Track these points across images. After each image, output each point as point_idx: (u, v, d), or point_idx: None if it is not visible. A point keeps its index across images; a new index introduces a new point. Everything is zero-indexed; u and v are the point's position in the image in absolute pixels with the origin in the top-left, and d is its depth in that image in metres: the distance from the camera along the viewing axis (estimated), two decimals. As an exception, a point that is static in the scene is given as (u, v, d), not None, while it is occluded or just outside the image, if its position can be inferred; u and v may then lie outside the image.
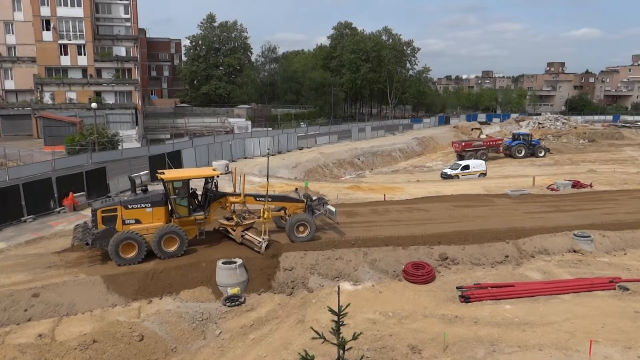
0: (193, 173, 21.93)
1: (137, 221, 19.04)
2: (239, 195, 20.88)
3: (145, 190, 19.93)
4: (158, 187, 34.38)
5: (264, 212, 19.92)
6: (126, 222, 18.89)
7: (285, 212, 21.84)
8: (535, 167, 51.86)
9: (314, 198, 22.79)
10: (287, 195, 23.35)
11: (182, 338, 15.14)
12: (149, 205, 19.22)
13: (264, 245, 19.32)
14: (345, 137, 69.81)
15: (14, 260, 19.48)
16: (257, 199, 21.03)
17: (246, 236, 20.34)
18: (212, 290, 17.54)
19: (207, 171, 21.37)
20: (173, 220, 19.64)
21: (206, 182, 20.43)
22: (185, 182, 19.89)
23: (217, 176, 20.55)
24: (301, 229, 20.81)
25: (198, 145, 47.44)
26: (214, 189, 20.49)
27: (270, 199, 20.89)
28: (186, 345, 14.93)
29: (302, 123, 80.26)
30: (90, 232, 18.81)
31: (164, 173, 20.17)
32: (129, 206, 19.00)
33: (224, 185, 26.55)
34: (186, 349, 14.80)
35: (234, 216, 21.00)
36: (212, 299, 17.25)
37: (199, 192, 20.83)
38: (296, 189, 24.59)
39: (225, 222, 21.01)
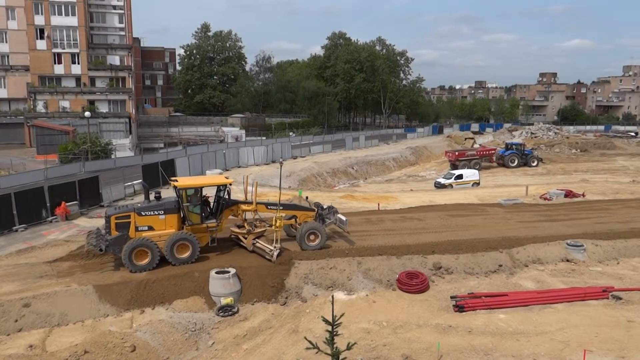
0: (206, 181, 22.11)
1: (150, 228, 19.12)
2: (251, 203, 20.96)
3: (158, 198, 19.99)
4: (151, 197, 34.28)
5: (276, 221, 19.92)
6: (139, 228, 18.99)
7: (295, 220, 21.97)
8: (528, 177, 52.12)
9: (325, 207, 22.91)
10: (298, 203, 23.37)
11: (175, 348, 15.01)
12: (162, 212, 19.31)
13: (275, 253, 19.33)
14: (339, 146, 69.94)
15: (5, 270, 19.29)
16: (269, 207, 21.17)
17: (257, 244, 20.37)
18: (205, 300, 17.43)
19: (220, 179, 21.45)
20: (185, 228, 19.69)
21: (219, 190, 20.49)
22: (198, 189, 20.01)
23: (230, 184, 20.56)
24: (312, 237, 20.93)
25: (192, 154, 47.35)
26: (227, 196, 20.55)
27: (281, 207, 20.97)
28: (179, 355, 14.81)
29: (291, 133, 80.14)
30: (104, 239, 18.91)
31: (177, 180, 20.26)
32: (142, 213, 19.09)
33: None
34: (179, 359, 14.68)
35: (245, 224, 21.02)
36: (205, 308, 17.13)
37: (211, 200, 20.87)
38: (306, 198, 24.64)
39: (237, 230, 21.05)
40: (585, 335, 15.40)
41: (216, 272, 17.82)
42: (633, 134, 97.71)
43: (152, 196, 20.38)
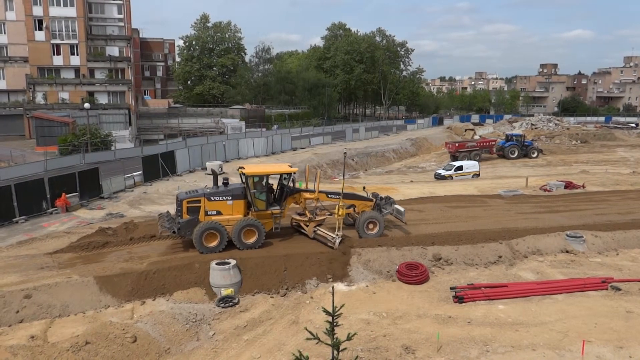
0: (272, 169, 22.67)
1: (219, 213, 19.82)
2: (313, 191, 21.52)
3: (226, 184, 20.56)
4: (151, 188, 34.30)
5: (338, 209, 20.33)
6: (208, 213, 19.69)
7: (354, 209, 22.51)
8: (528, 168, 52.11)
9: (382, 197, 23.29)
10: (357, 193, 23.76)
11: (176, 339, 15.07)
12: (230, 198, 19.98)
13: (337, 240, 19.74)
14: (339, 137, 69.88)
15: (6, 262, 19.33)
16: (330, 196, 21.73)
17: (319, 232, 20.85)
18: (205, 291, 17.48)
19: (284, 167, 22.00)
20: (251, 213, 20.21)
21: (283, 178, 21.07)
22: (265, 177, 20.57)
23: (294, 172, 21.16)
24: (371, 226, 21.54)
25: (191, 145, 47.25)
26: (291, 184, 21.11)
27: (342, 197, 21.33)
28: (179, 346, 14.88)
29: (273, 126, 79.77)
30: (175, 221, 19.62)
31: (244, 168, 20.83)
32: (211, 198, 19.79)
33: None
34: (179, 350, 14.75)
35: (306, 212, 21.46)
36: (206, 300, 17.19)
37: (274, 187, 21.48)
38: (364, 188, 24.98)
39: (299, 218, 21.59)
40: (584, 325, 15.46)
41: (216, 264, 17.88)
42: (633, 125, 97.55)
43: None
